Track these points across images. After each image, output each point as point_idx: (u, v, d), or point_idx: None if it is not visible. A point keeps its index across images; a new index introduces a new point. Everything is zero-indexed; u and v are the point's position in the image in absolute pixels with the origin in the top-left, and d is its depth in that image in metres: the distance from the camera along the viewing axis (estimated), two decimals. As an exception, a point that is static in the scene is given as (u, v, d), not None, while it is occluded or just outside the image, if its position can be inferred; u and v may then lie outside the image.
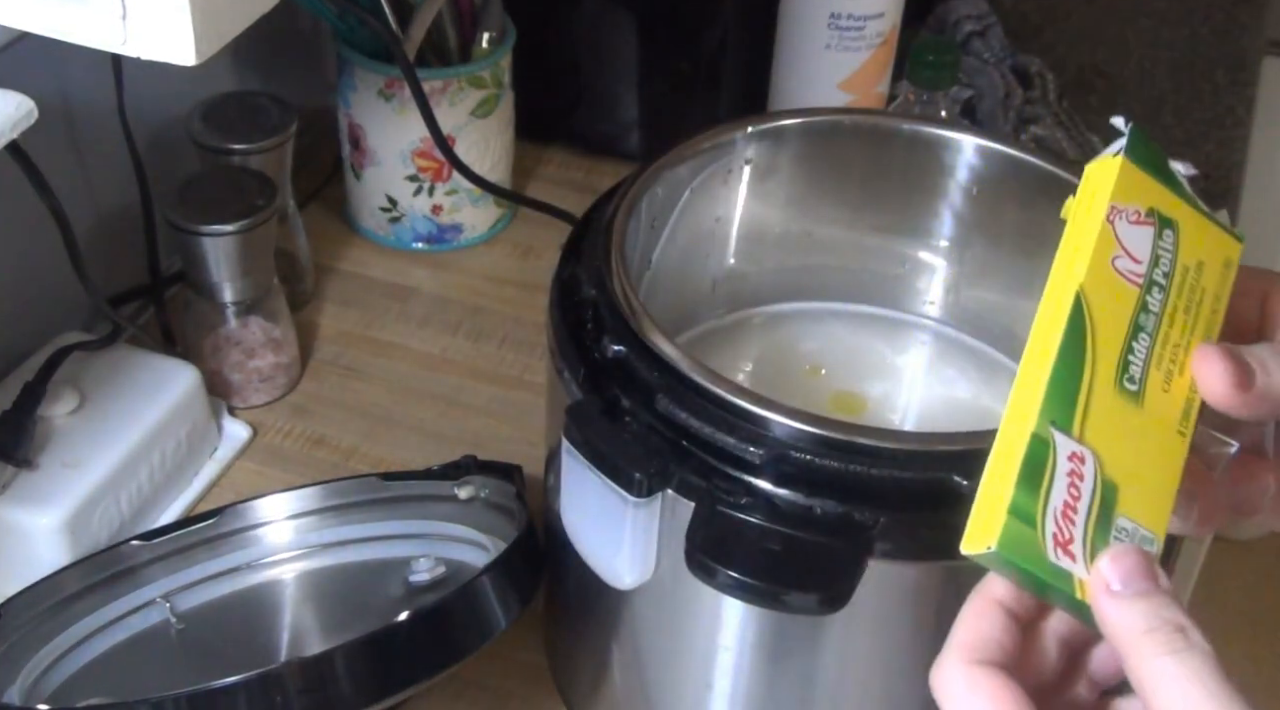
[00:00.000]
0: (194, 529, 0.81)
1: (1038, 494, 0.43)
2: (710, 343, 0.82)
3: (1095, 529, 0.43)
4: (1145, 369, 0.46)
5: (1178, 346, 0.47)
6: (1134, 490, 0.44)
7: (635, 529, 0.61)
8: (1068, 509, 0.43)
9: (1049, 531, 0.42)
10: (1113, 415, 0.44)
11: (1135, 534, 0.44)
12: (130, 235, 0.95)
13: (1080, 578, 0.42)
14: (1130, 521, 0.44)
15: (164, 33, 0.50)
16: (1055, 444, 0.43)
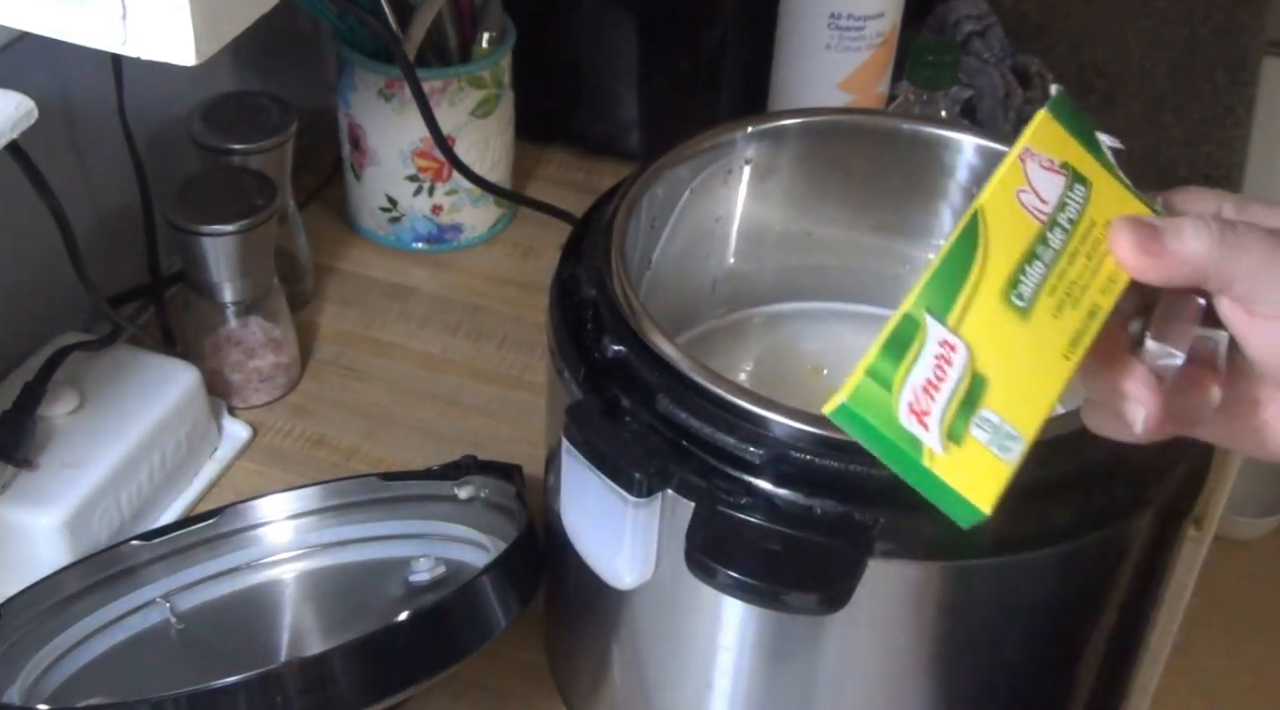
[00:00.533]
0: (194, 529, 0.81)
1: (899, 365, 0.45)
2: (710, 343, 0.82)
3: (957, 412, 0.45)
4: (1036, 292, 0.48)
5: (1075, 284, 0.49)
6: (1005, 391, 0.46)
7: (635, 529, 0.61)
8: (930, 386, 0.45)
9: (905, 399, 0.45)
10: (994, 321, 0.47)
11: (1000, 428, 0.46)
12: (130, 235, 0.95)
13: (929, 449, 0.45)
14: (997, 416, 0.46)
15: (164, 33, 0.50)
16: (926, 327, 0.46)
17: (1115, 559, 0.64)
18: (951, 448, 0.45)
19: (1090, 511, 0.60)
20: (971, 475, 0.46)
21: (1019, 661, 0.67)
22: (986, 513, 0.47)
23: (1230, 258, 0.47)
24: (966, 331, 0.47)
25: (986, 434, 0.46)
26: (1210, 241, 0.47)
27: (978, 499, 0.46)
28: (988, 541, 0.59)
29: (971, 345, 0.47)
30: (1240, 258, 0.47)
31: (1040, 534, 0.59)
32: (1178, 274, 0.48)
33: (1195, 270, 0.48)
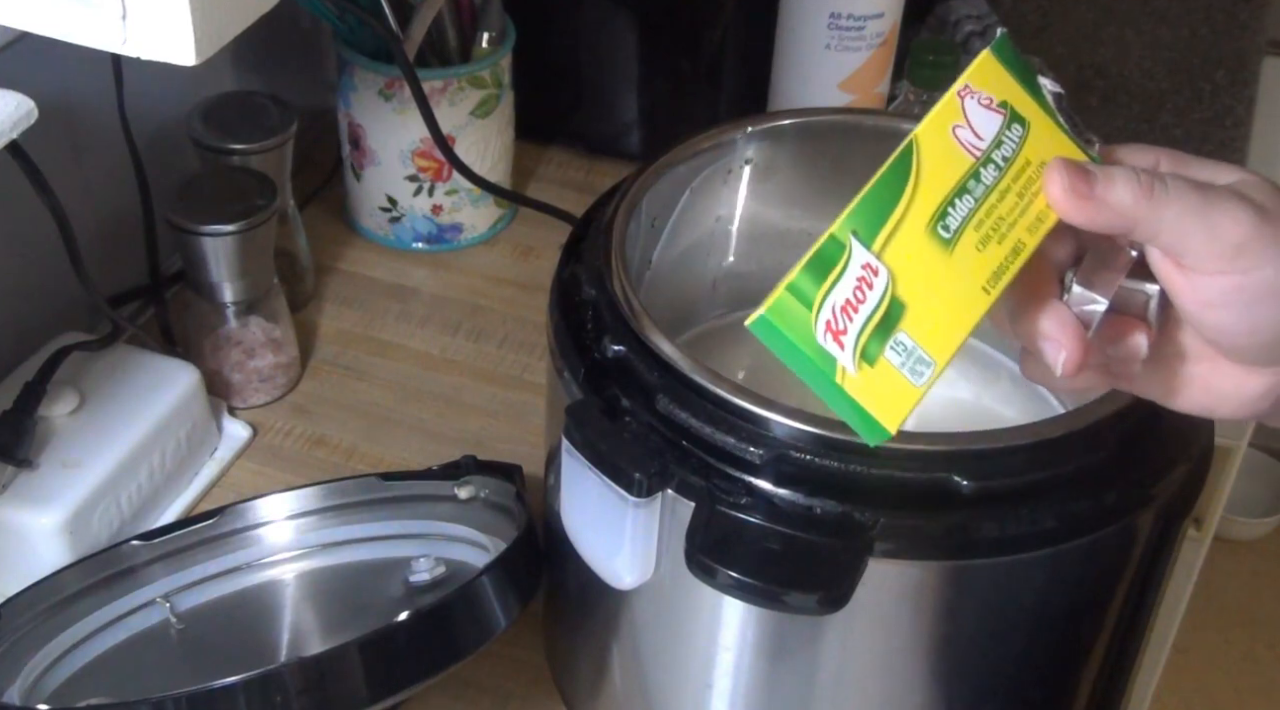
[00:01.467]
0: (194, 529, 0.81)
1: (820, 284, 0.47)
2: (710, 343, 0.82)
3: (873, 333, 0.48)
4: (963, 226, 0.50)
5: (1002, 220, 0.50)
6: (923, 317, 0.49)
7: (635, 529, 0.61)
8: (849, 306, 0.48)
9: (823, 317, 0.47)
10: (918, 249, 0.49)
11: (914, 353, 0.48)
12: (130, 235, 0.95)
13: (843, 367, 0.47)
14: (911, 340, 0.48)
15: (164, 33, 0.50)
16: (851, 249, 0.48)
17: (1115, 559, 0.64)
18: (864, 368, 0.48)
19: (1090, 512, 0.60)
20: (881, 396, 0.48)
21: (1019, 661, 0.67)
22: (891, 433, 0.48)
23: (1156, 208, 0.48)
24: (890, 257, 0.48)
25: (900, 357, 0.48)
26: (1137, 191, 0.48)
27: (885, 419, 0.48)
28: (988, 541, 0.59)
29: (893, 271, 0.48)
30: (1164, 209, 0.48)
31: (1040, 534, 0.59)
32: (1104, 220, 0.49)
33: (1121, 218, 0.49)
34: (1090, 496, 0.60)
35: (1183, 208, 0.48)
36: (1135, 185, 0.49)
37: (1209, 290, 0.49)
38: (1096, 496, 0.60)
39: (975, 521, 0.59)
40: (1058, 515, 0.59)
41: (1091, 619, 0.67)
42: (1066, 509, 0.59)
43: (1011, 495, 0.59)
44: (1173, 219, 0.48)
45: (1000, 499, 0.59)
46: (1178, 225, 0.49)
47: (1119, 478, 0.61)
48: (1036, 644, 0.67)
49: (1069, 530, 0.60)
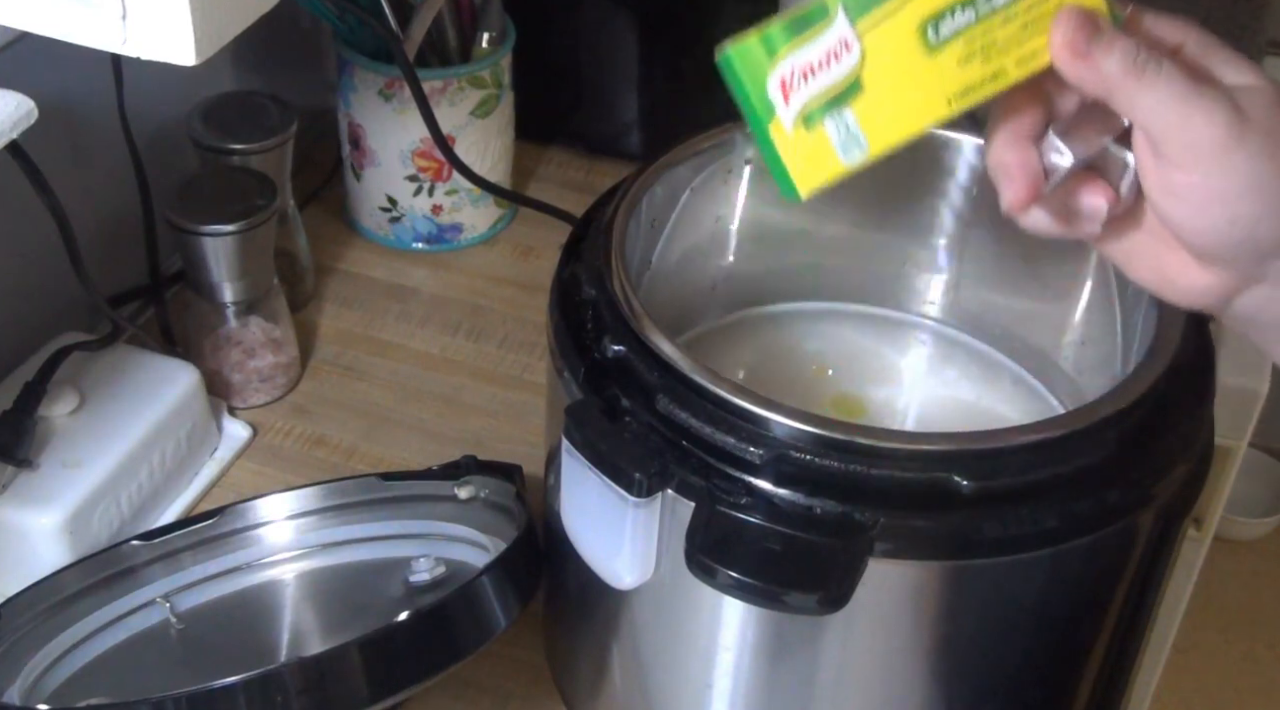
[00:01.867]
0: (194, 529, 0.81)
1: (792, 41, 0.49)
2: (710, 343, 0.82)
3: (821, 103, 0.50)
4: (954, 36, 0.50)
5: (995, 44, 0.50)
6: (875, 106, 0.50)
7: (635, 529, 0.61)
8: (810, 69, 0.49)
9: (780, 71, 0.49)
10: (901, 43, 0.50)
11: (852, 133, 0.50)
12: (130, 235, 0.95)
13: (780, 120, 0.50)
14: (855, 120, 0.50)
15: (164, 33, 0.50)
16: (835, 19, 0.49)
17: (1115, 559, 0.64)
18: (800, 129, 0.50)
19: (1090, 512, 0.60)
20: (806, 160, 0.50)
21: (1019, 661, 0.67)
22: (801, 197, 0.51)
23: (1139, 89, 0.49)
24: (869, 40, 0.49)
25: (837, 132, 0.50)
26: (1127, 67, 0.49)
27: (800, 182, 0.51)
28: (988, 541, 0.59)
29: (866, 53, 0.50)
30: (1147, 92, 0.49)
31: (1040, 534, 0.59)
32: (1088, 82, 0.50)
33: (1104, 87, 0.50)
34: (1090, 496, 0.60)
35: (1165, 95, 0.49)
36: (1129, 61, 0.49)
37: (1171, 180, 0.50)
38: (1096, 496, 0.60)
39: (975, 521, 0.59)
40: (1058, 515, 0.59)
41: (1091, 619, 0.67)
42: (1067, 509, 0.59)
43: (1011, 495, 0.59)
44: (1152, 104, 0.49)
45: (1000, 499, 0.59)
46: (1154, 111, 0.49)
47: (1119, 478, 0.61)
48: (1036, 644, 0.67)
49: (1069, 530, 0.60)
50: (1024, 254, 0.78)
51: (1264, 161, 0.49)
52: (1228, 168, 0.49)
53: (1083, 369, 0.77)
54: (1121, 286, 0.73)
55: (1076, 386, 0.78)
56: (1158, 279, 0.55)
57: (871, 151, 0.51)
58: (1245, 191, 0.49)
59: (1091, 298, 0.76)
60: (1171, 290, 0.54)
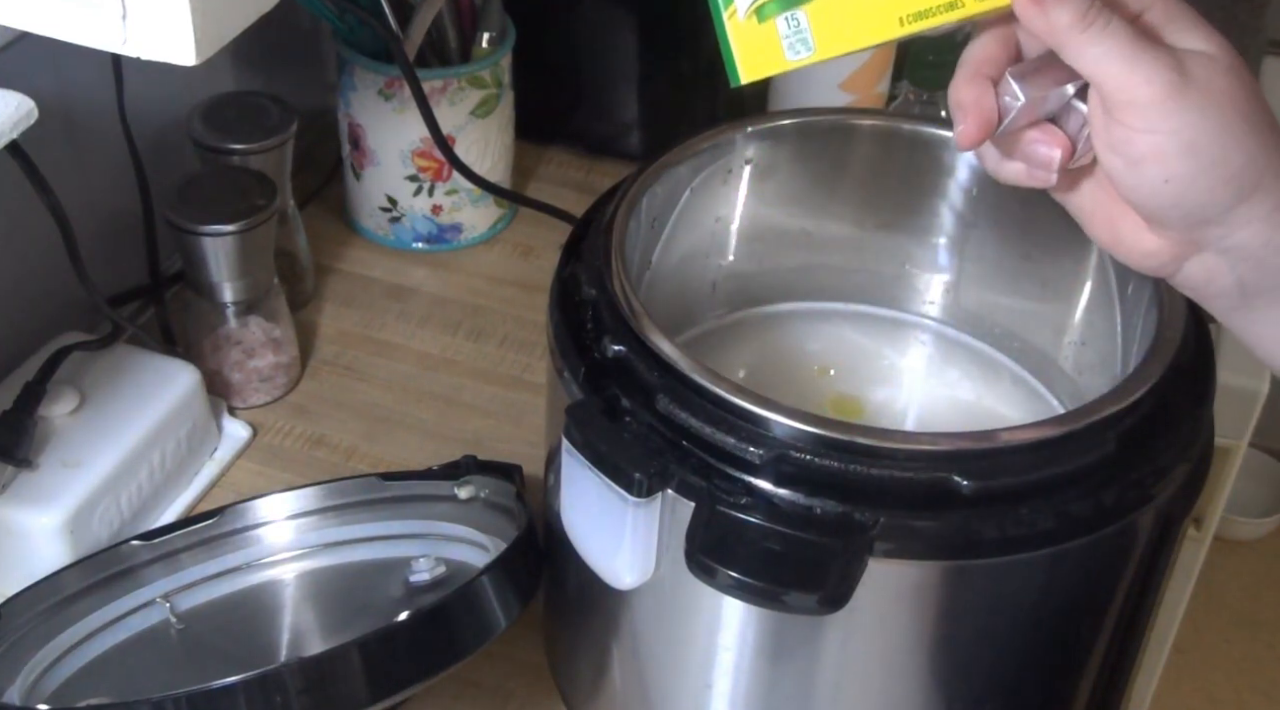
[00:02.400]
0: (194, 529, 0.81)
1: None
2: (710, 343, 0.82)
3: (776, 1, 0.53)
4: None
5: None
6: (829, 12, 0.53)
7: (635, 529, 0.61)
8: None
9: None
10: None
11: (801, 33, 0.53)
12: (130, 235, 0.95)
13: (736, 9, 0.54)
14: (807, 22, 0.53)
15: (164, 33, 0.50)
16: None
17: (1115, 559, 0.64)
18: (752, 21, 0.53)
19: (1090, 512, 0.60)
20: (753, 49, 0.54)
21: (1019, 661, 0.67)
22: (741, 81, 0.54)
23: (1086, 40, 0.51)
24: None
25: (788, 30, 0.53)
26: (1074, 17, 0.51)
27: (744, 68, 0.54)
28: (988, 541, 0.59)
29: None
30: (1093, 45, 0.51)
31: (1040, 534, 0.59)
32: (1039, 28, 0.52)
33: (1053, 35, 0.51)
34: (1090, 496, 0.60)
35: (1110, 49, 0.51)
36: (1078, 13, 0.51)
37: (1113, 135, 0.52)
38: (1096, 496, 0.60)
39: (975, 521, 0.59)
40: (1058, 515, 0.59)
41: (1091, 619, 0.67)
42: (1066, 509, 0.59)
43: (1011, 495, 0.59)
44: (1098, 56, 0.51)
45: (1000, 499, 0.59)
46: (1099, 63, 0.51)
47: (1119, 478, 0.61)
48: (1036, 644, 0.67)
49: (1069, 530, 0.60)
50: (1024, 254, 0.78)
51: (1200, 124, 0.51)
52: (1164, 126, 0.51)
53: (1083, 369, 0.77)
54: (1121, 287, 0.73)
55: (1076, 387, 0.78)
56: (1111, 238, 0.56)
57: (816, 54, 0.53)
58: (1179, 151, 0.51)
59: (1091, 298, 0.76)
60: (1124, 251, 0.56)
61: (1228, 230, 0.53)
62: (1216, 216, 0.53)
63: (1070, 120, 0.54)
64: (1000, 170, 0.57)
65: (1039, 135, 0.55)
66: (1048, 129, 0.55)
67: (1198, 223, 0.53)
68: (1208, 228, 0.53)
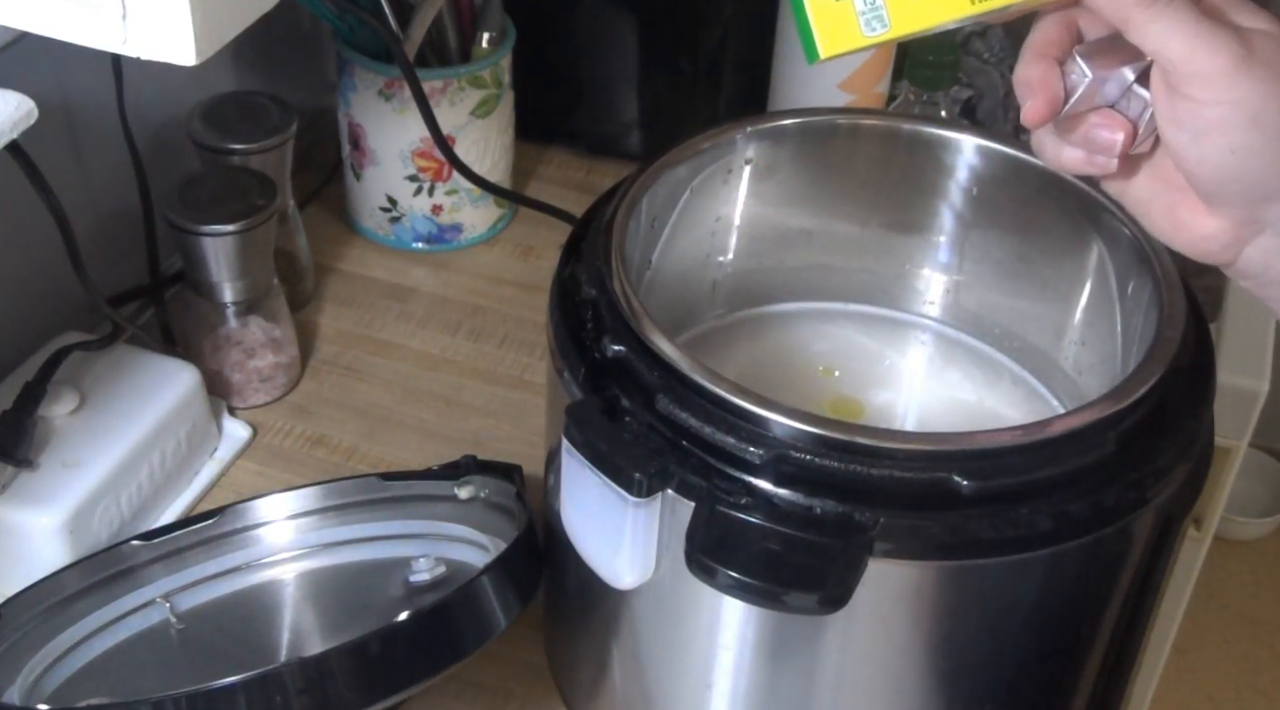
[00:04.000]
0: (194, 529, 0.81)
1: None
2: (710, 343, 0.82)
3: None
4: None
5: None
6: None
7: (635, 529, 0.61)
8: None
9: None
10: None
11: (878, 10, 0.54)
12: (130, 235, 0.95)
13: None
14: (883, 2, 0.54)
15: (164, 33, 0.50)
16: None
17: (1115, 559, 0.64)
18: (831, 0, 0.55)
19: (1090, 512, 0.60)
20: (832, 26, 0.55)
21: (1018, 661, 0.67)
22: (820, 56, 0.55)
23: (1149, 17, 0.52)
24: None
25: (864, 6, 0.54)
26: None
27: (822, 43, 0.55)
28: (988, 541, 0.59)
29: None
30: (1157, 20, 0.52)
31: (1040, 534, 0.59)
32: (1104, 4, 0.53)
33: (1118, 13, 0.52)
34: (1090, 497, 0.60)
35: (1174, 24, 0.51)
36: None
37: (1177, 109, 0.53)
38: (1096, 497, 0.60)
39: (975, 521, 0.59)
40: (1058, 515, 0.59)
41: (1091, 619, 0.67)
42: (1066, 509, 0.59)
43: (1011, 495, 0.59)
44: (1161, 31, 0.52)
45: (1000, 499, 0.59)
46: (1164, 38, 0.52)
47: (1119, 478, 0.61)
48: (1036, 644, 0.67)
49: (1069, 530, 0.60)
50: (1024, 254, 0.78)
51: (1264, 95, 0.51)
52: (1229, 97, 0.51)
53: (1083, 369, 0.77)
54: (1121, 287, 0.73)
55: (1077, 387, 0.78)
56: (1170, 225, 0.57)
57: (893, 30, 0.55)
58: (1244, 122, 0.51)
59: (1091, 298, 0.76)
60: (1184, 237, 0.56)
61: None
62: (1277, 191, 0.53)
63: (1131, 106, 0.55)
64: (1060, 157, 0.57)
65: (1101, 119, 0.55)
66: (1109, 114, 0.55)
67: (1260, 198, 0.53)
68: (1269, 204, 0.53)
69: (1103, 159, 0.56)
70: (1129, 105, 0.55)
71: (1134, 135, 0.55)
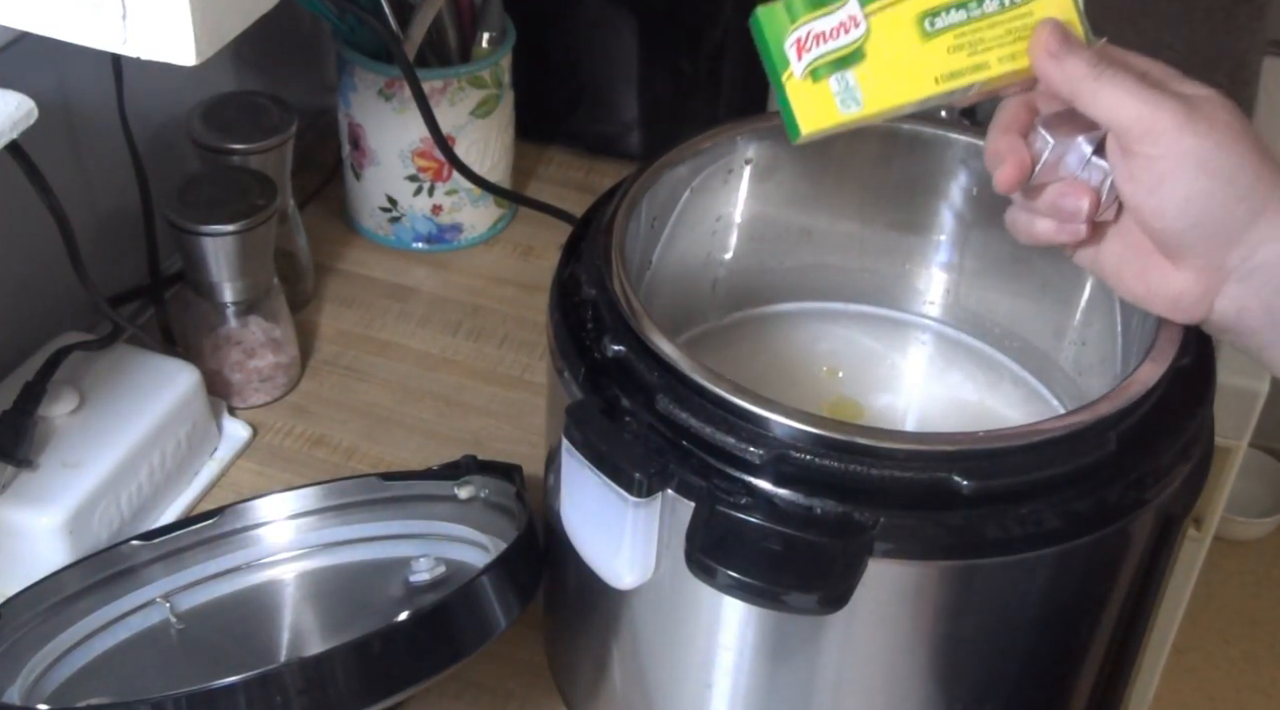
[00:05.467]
0: (194, 529, 0.81)
1: (811, 11, 0.60)
2: (711, 342, 0.82)
3: (829, 63, 0.60)
4: (946, 28, 0.60)
5: (982, 41, 0.60)
6: (874, 73, 0.60)
7: (635, 529, 0.61)
8: (822, 36, 0.60)
9: (797, 33, 0.60)
10: (900, 28, 0.60)
11: (851, 91, 0.60)
12: (130, 235, 0.95)
13: (792, 71, 0.60)
14: (855, 82, 0.60)
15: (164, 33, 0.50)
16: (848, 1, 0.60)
17: (1115, 559, 0.64)
18: (808, 81, 0.60)
19: (1090, 512, 0.60)
20: (810, 106, 0.60)
21: (1019, 661, 0.67)
22: (802, 133, 0.61)
23: (1097, 87, 0.57)
24: (875, 21, 0.60)
25: (839, 88, 0.60)
26: (1087, 69, 0.58)
27: (802, 122, 0.61)
28: (988, 541, 0.59)
29: (871, 30, 0.60)
30: (1104, 90, 0.57)
31: (1040, 534, 0.59)
32: (1056, 80, 0.59)
33: (1069, 85, 0.58)
34: (1090, 497, 0.60)
35: (1120, 91, 0.57)
36: (1090, 65, 0.58)
37: (1133, 165, 0.57)
38: (1096, 497, 0.60)
39: (975, 521, 0.59)
40: (1058, 515, 0.59)
41: (1091, 619, 0.67)
42: (1067, 509, 0.59)
43: (1011, 495, 0.59)
44: (1110, 100, 0.57)
45: (1000, 499, 0.59)
46: (1114, 105, 0.57)
47: (1119, 478, 0.61)
48: (1036, 644, 0.67)
49: (1069, 530, 0.60)
50: (1024, 254, 0.78)
51: (1209, 146, 0.56)
52: (1177, 149, 0.56)
53: (1083, 369, 0.77)
54: (1121, 286, 0.73)
55: (1077, 387, 0.78)
56: (1143, 288, 0.61)
57: (865, 110, 0.60)
58: (1194, 169, 0.56)
59: (1091, 298, 0.76)
60: (1158, 299, 0.61)
61: (1249, 251, 0.57)
62: (1237, 235, 0.57)
63: (1091, 176, 0.60)
64: (1034, 230, 0.62)
65: (1066, 189, 0.60)
66: (1073, 183, 0.60)
67: (1221, 243, 0.57)
68: (1230, 250, 0.57)
69: (1072, 226, 0.61)
70: (1090, 175, 0.60)
71: (1098, 202, 0.60)
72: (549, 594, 0.76)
